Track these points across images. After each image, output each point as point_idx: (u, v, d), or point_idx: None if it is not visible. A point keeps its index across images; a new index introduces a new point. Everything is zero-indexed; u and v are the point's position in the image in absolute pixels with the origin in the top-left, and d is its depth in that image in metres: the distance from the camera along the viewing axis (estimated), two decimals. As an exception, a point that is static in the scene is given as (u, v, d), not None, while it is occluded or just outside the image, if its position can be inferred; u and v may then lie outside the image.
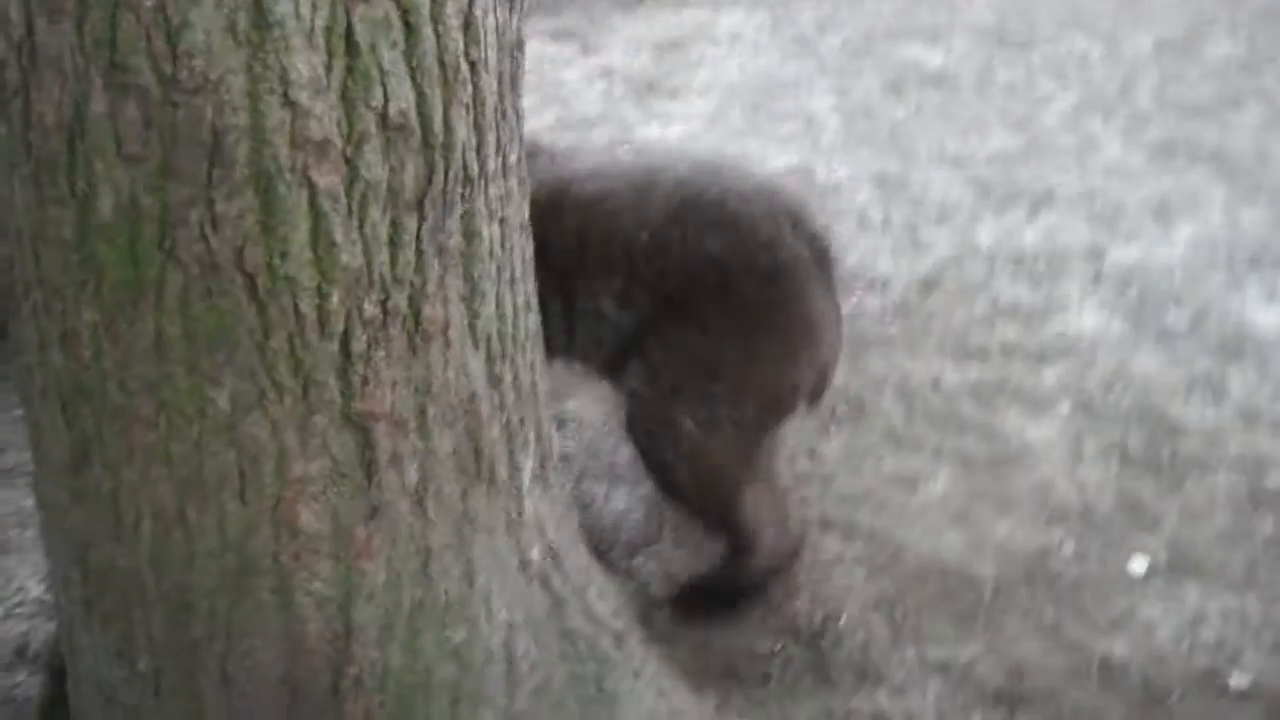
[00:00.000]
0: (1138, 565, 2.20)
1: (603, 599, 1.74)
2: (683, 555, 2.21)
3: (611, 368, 2.00)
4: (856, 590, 2.12)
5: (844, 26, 5.53)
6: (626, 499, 2.37)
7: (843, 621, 2.05)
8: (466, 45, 1.36)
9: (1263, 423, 2.58)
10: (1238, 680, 1.94)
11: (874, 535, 2.26)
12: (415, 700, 1.48)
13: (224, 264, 1.27)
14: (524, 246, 1.57)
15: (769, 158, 4.06)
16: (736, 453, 1.95)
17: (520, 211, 1.55)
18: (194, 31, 1.19)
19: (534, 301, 1.63)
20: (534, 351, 1.62)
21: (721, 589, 2.07)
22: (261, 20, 1.20)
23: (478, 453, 1.50)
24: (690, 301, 1.86)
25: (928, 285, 3.17)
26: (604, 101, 4.75)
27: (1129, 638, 2.03)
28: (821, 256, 1.98)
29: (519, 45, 1.50)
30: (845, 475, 2.44)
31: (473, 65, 1.36)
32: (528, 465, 1.60)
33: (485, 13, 1.37)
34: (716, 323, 1.86)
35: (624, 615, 1.78)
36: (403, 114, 1.30)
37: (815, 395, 2.04)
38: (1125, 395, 2.68)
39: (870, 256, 3.35)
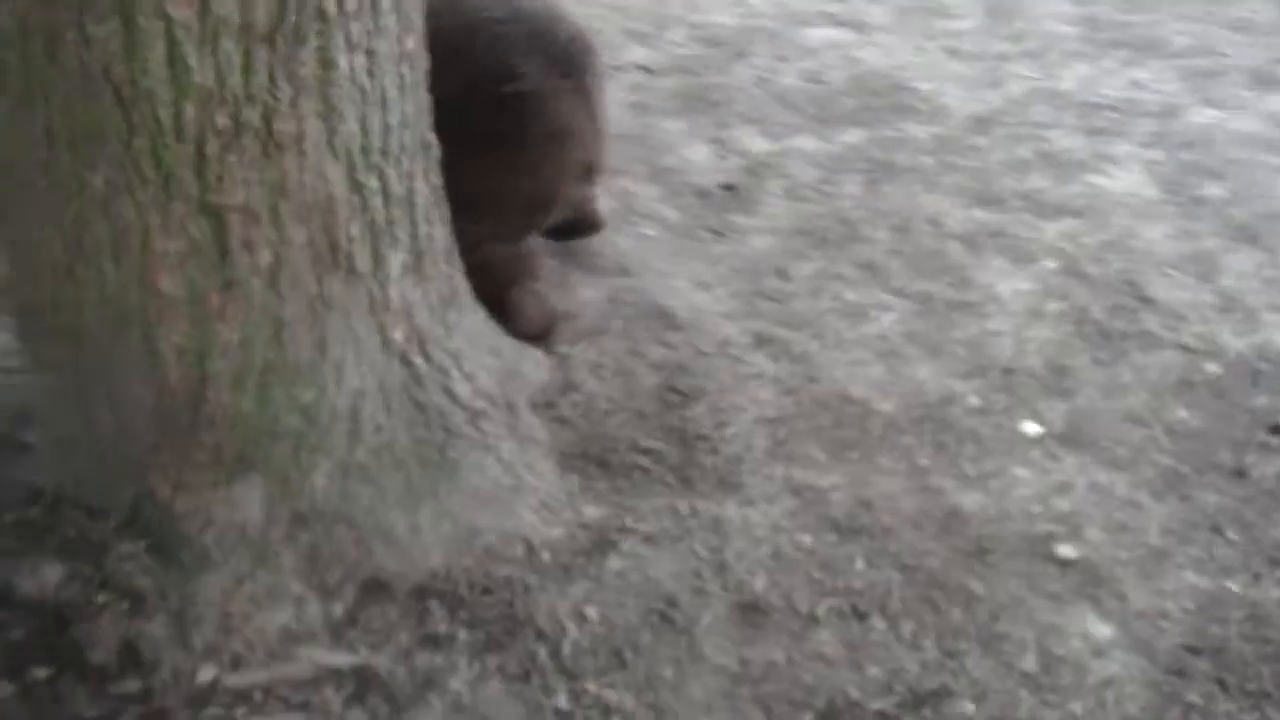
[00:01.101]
0: (1030, 428, 2.38)
1: (469, 381, 2.06)
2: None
3: None
4: (755, 406, 2.37)
5: None
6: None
7: (728, 432, 2.31)
8: (321, -102, 1.60)
9: (1236, 312, 2.67)
10: (1065, 551, 2.13)
11: (800, 359, 2.49)
12: (261, 442, 1.85)
13: (95, 75, 1.60)
14: (403, 73, 1.83)
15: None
16: (501, 250, 2.33)
17: (397, 43, 1.81)
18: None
19: (419, 120, 1.90)
20: (412, 164, 1.90)
21: None
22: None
23: (334, 246, 1.81)
24: (452, 129, 2.09)
25: (982, 123, 3.27)
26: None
27: (986, 493, 2.23)
28: (576, 69, 2.32)
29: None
30: (803, 298, 2.66)
31: (328, -83, 1.61)
32: (396, 259, 1.91)
33: None
34: (468, 146, 2.10)
35: (491, 399, 2.08)
36: (252, -42, 1.57)
37: (584, 187, 2.45)
38: (1115, 261, 2.79)
39: (944, 84, 3.45)
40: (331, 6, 1.67)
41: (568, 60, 2.35)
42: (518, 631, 1.91)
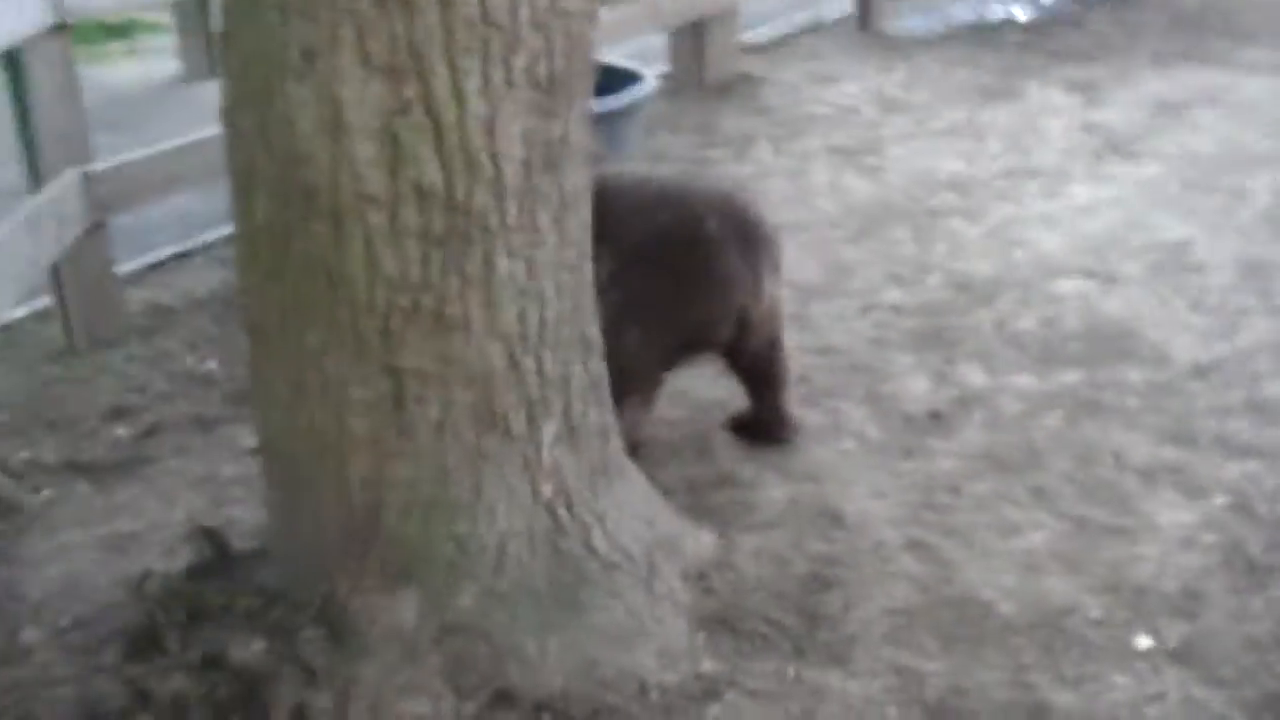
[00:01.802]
0: (1142, 642, 2.57)
1: (609, 538, 2.49)
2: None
3: None
4: (886, 598, 2.67)
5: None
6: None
7: (853, 614, 2.63)
8: (489, 143, 2.17)
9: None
10: None
11: (943, 563, 2.78)
12: (420, 561, 2.35)
13: (314, 261, 2.19)
14: (561, 279, 2.35)
15: (1164, 226, 4.38)
16: (642, 360, 2.91)
17: (556, 254, 2.33)
18: (300, 125, 2.11)
19: (578, 318, 2.41)
20: (568, 353, 2.40)
21: None
22: (339, 124, 2.10)
23: (492, 410, 2.32)
24: (641, 258, 2.83)
25: (1201, 370, 3.49)
26: (1063, 155, 5.18)
27: (1078, 694, 2.43)
28: (747, 237, 2.98)
29: (564, 143, 2.27)
30: (965, 512, 2.94)
31: (493, 156, 2.18)
32: (550, 429, 2.40)
33: (510, 121, 2.17)
34: (653, 272, 2.84)
35: (629, 556, 2.51)
36: (431, 185, 2.15)
37: (736, 337, 3.04)
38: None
39: (1175, 333, 3.68)
40: (494, 222, 2.21)
41: (742, 223, 3.03)
42: (614, 751, 2.28)
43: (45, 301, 4.12)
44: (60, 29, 3.69)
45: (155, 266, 4.57)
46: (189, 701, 2.34)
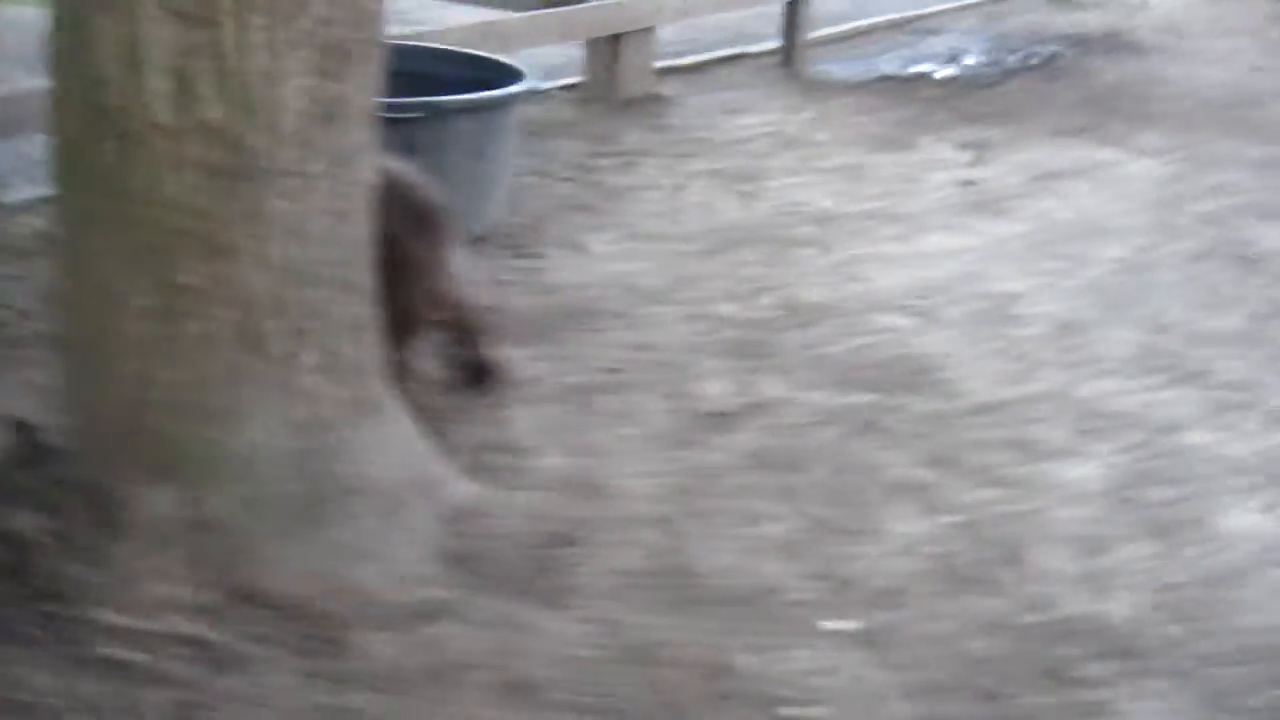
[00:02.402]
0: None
1: (353, 465, 2.81)
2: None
3: None
4: (617, 559, 3.00)
5: (1215, 195, 5.88)
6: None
7: (581, 569, 2.95)
8: (269, 93, 2.50)
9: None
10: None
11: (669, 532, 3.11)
12: (181, 459, 2.67)
13: (104, 176, 2.51)
14: (329, 225, 2.67)
15: (998, 279, 4.76)
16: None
17: (327, 201, 2.65)
18: (98, 52, 2.43)
19: (345, 262, 2.73)
20: (332, 290, 2.72)
21: None
22: (135, 58, 2.43)
23: (254, 334, 2.64)
24: None
25: (988, 408, 3.82)
26: (930, 206, 5.56)
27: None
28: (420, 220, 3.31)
29: (342, 102, 2.60)
30: (711, 499, 3.28)
31: (273, 106, 2.51)
32: (308, 357, 2.72)
33: (290, 76, 2.51)
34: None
35: (372, 486, 2.83)
36: (213, 122, 2.49)
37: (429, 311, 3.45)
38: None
39: (966, 368, 4.03)
40: (268, 164, 2.54)
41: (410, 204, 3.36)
42: (326, 649, 2.60)
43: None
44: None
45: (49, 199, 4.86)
46: (-34, 563, 2.65)
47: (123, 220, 2.55)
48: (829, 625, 2.90)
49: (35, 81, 4.31)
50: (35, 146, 4.52)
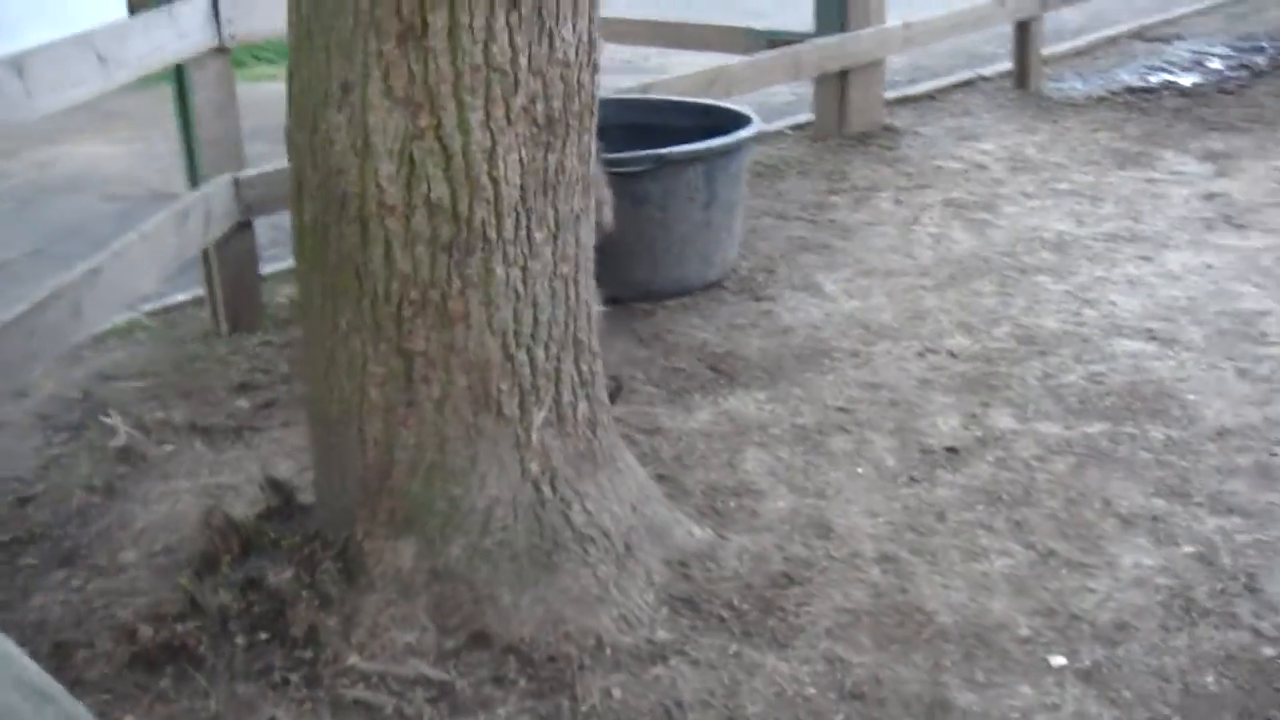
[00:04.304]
0: (1056, 660, 2.89)
1: (584, 514, 2.94)
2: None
3: None
4: (842, 599, 3.06)
5: None
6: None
7: (806, 609, 3.02)
8: (489, 168, 2.67)
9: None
10: None
11: (906, 576, 3.15)
12: (423, 514, 2.84)
13: (345, 257, 2.72)
14: (554, 287, 2.82)
15: (1243, 296, 4.62)
16: None
17: (552, 266, 2.80)
18: (337, 145, 2.65)
19: (572, 320, 2.88)
20: (561, 349, 2.87)
21: None
22: (367, 145, 2.63)
23: (488, 395, 2.80)
24: None
25: (1224, 434, 3.73)
26: (1172, 223, 5.42)
27: (982, 699, 2.78)
28: None
29: (560, 172, 2.76)
30: (944, 536, 3.29)
31: (494, 180, 2.68)
32: (539, 414, 2.87)
33: (509, 151, 2.67)
34: None
35: (605, 533, 2.96)
36: (440, 200, 2.66)
37: None
38: (1255, 558, 3.18)
39: (1212, 398, 3.92)
40: (493, 234, 2.70)
41: None
42: (560, 691, 2.74)
43: (201, 290, 4.79)
44: (219, 51, 4.35)
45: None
46: (230, 614, 2.89)
47: (362, 295, 2.74)
48: (1055, 661, 2.88)
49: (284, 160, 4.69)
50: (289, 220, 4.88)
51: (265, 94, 6.67)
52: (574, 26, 2.70)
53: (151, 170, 6.98)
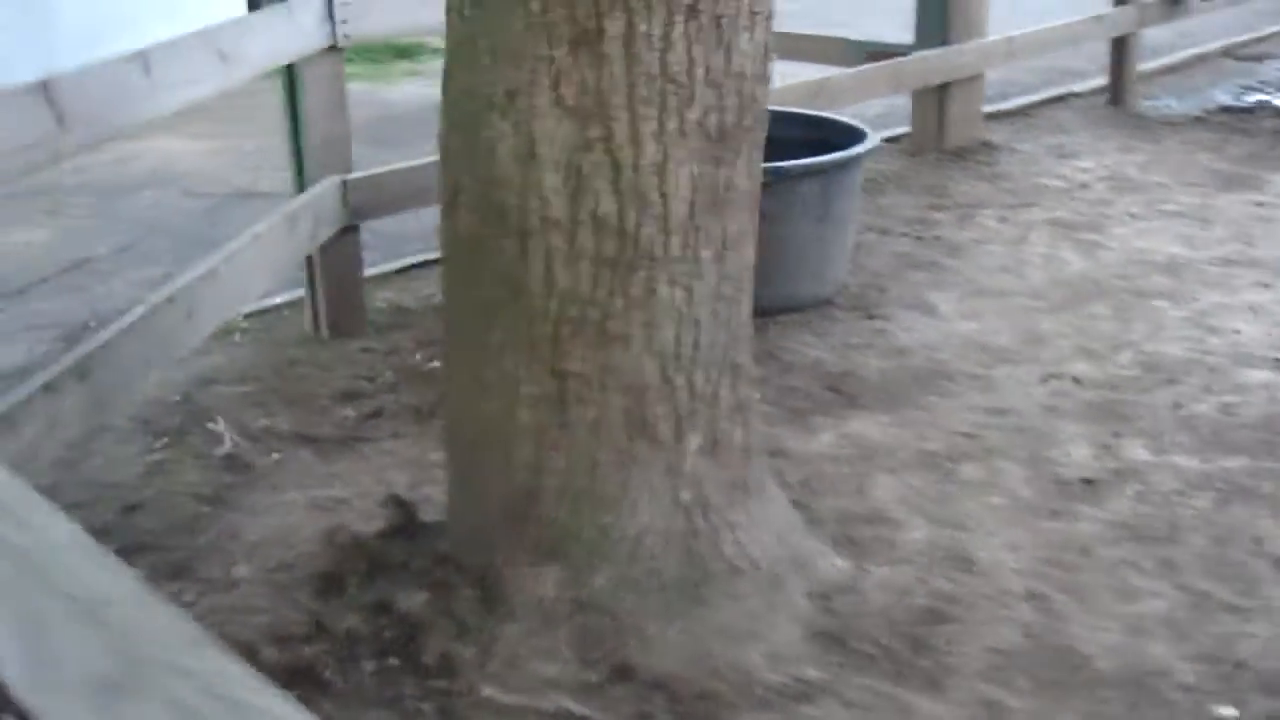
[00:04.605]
0: (1226, 711, 2.74)
1: (736, 546, 2.82)
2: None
3: None
4: (993, 638, 2.92)
5: None
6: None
7: (957, 649, 2.88)
8: (659, 183, 2.55)
9: None
10: None
11: (1056, 616, 3.01)
12: (569, 542, 2.72)
13: (501, 272, 2.61)
14: (717, 309, 2.70)
15: None
16: None
17: (716, 287, 2.68)
18: (500, 154, 2.53)
19: (732, 343, 2.75)
20: (719, 373, 2.74)
21: None
22: (532, 155, 2.51)
23: (643, 419, 2.68)
24: None
25: None
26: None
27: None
28: None
29: (729, 188, 2.64)
30: (1093, 573, 3.16)
31: (663, 195, 2.55)
32: (694, 440, 2.75)
33: (680, 166, 2.55)
34: None
35: (754, 564, 2.83)
36: (606, 215, 2.54)
37: None
38: None
39: None
40: (659, 252, 2.58)
41: None
42: (711, 730, 2.62)
43: (300, 293, 4.69)
44: (332, 50, 4.25)
45: (402, 271, 5.12)
46: (358, 637, 2.77)
47: (518, 312, 2.62)
48: (1224, 712, 2.74)
49: (391, 164, 4.60)
50: (387, 224, 4.76)
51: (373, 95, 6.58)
52: (751, 37, 2.58)
53: (233, 167, 6.89)
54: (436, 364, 4.32)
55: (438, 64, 4.15)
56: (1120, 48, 7.23)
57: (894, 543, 3.32)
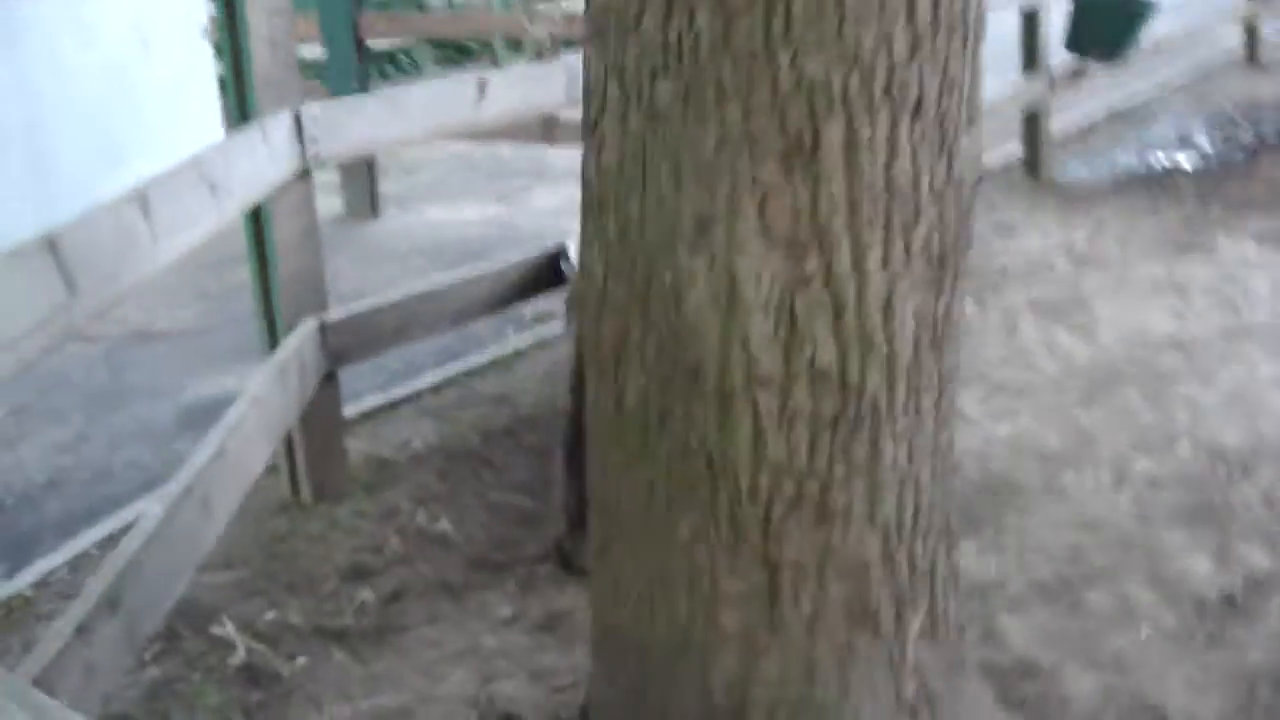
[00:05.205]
0: None
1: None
2: None
3: None
4: None
5: None
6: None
7: None
8: (884, 322, 2.03)
9: None
10: None
11: None
12: (784, 767, 2.16)
13: (693, 445, 2.05)
14: (935, 464, 2.19)
15: None
16: None
17: (934, 438, 2.17)
18: (690, 299, 1.98)
19: (945, 505, 2.24)
20: (937, 542, 2.23)
21: None
22: (733, 298, 1.97)
23: (864, 605, 2.15)
24: None
25: None
26: (1278, 315, 5.00)
27: None
28: None
29: (946, 319, 2.14)
30: None
31: (888, 337, 2.04)
32: (914, 623, 2.22)
33: (904, 299, 2.03)
34: None
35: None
36: (826, 365, 2.00)
37: None
38: None
39: None
40: (884, 404, 2.06)
41: None
42: None
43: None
44: (303, 174, 3.63)
45: (365, 417, 4.47)
46: None
47: (716, 492, 2.07)
48: None
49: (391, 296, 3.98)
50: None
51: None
52: (969, 138, 2.10)
53: (125, 304, 6.11)
54: (446, 526, 3.71)
55: (321, 179, 3.64)
56: (1033, 120, 7.01)
57: (1066, 699, 2.85)
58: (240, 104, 3.52)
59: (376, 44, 11.08)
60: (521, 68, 5.26)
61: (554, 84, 4.27)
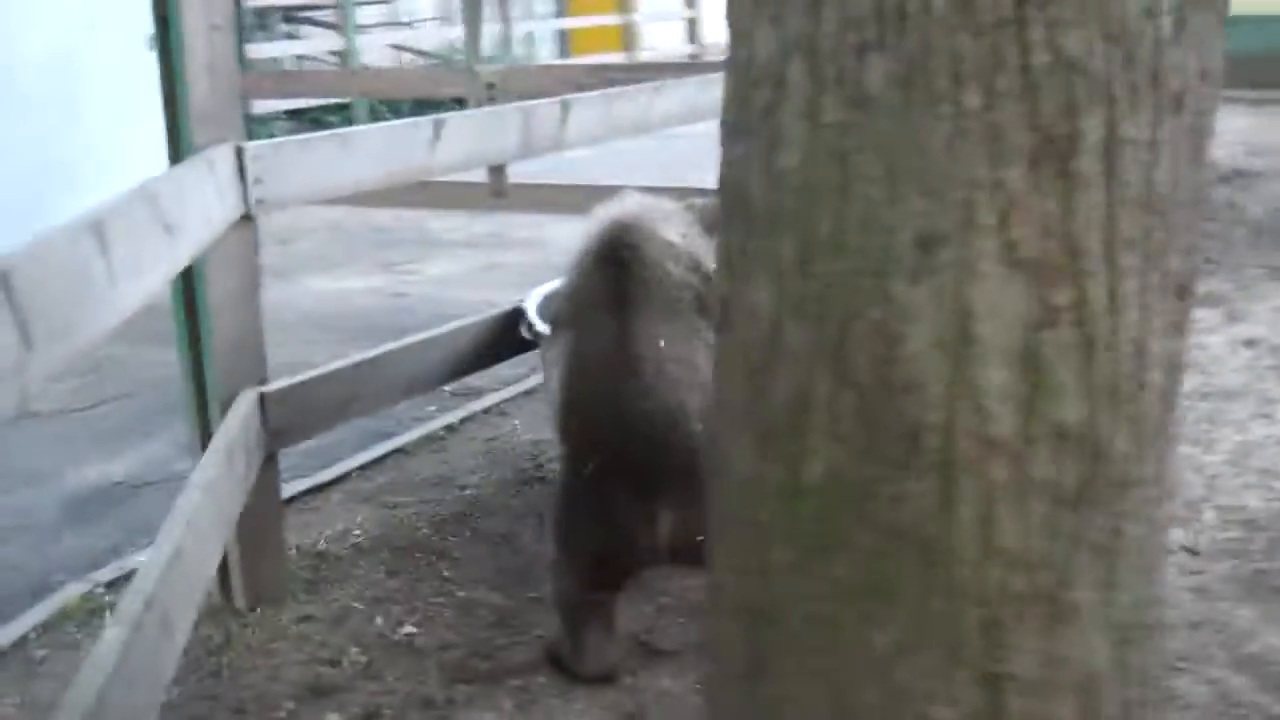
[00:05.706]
0: None
1: None
2: None
3: None
4: None
5: None
6: None
7: None
8: (1138, 370, 1.58)
9: None
10: None
11: None
12: None
13: (903, 531, 1.57)
14: (1160, 542, 1.75)
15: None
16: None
17: (1163, 508, 1.74)
18: (909, 343, 1.51)
19: (1161, 593, 1.80)
20: (1160, 639, 1.78)
21: None
22: (965, 339, 1.51)
23: (1091, 726, 1.68)
24: None
25: None
26: (1247, 376, 4.76)
27: None
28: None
29: (1181, 367, 1.71)
30: None
31: (1140, 386, 1.59)
32: (1137, 741, 1.76)
33: (1157, 340, 1.60)
34: None
35: None
36: (1074, 425, 1.55)
37: None
38: None
39: None
40: (1133, 473, 1.62)
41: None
42: None
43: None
44: (244, 220, 3.07)
45: (289, 503, 3.86)
46: None
47: (931, 590, 1.59)
48: None
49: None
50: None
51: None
52: (1212, 142, 1.69)
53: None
54: (411, 630, 3.14)
55: (285, 252, 3.09)
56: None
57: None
58: (172, 137, 2.94)
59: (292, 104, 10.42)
60: (479, 111, 4.76)
61: (509, 128, 3.79)
